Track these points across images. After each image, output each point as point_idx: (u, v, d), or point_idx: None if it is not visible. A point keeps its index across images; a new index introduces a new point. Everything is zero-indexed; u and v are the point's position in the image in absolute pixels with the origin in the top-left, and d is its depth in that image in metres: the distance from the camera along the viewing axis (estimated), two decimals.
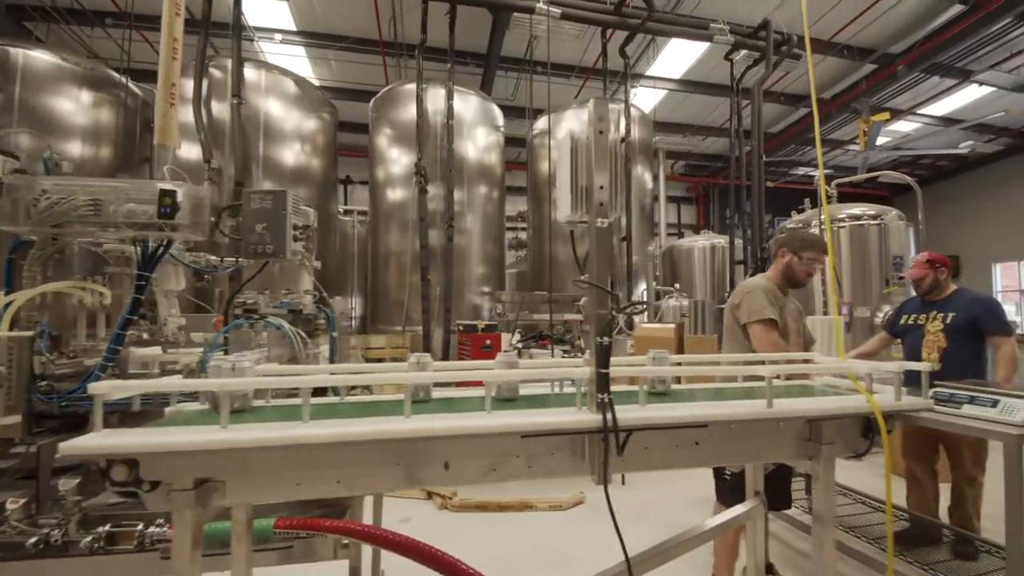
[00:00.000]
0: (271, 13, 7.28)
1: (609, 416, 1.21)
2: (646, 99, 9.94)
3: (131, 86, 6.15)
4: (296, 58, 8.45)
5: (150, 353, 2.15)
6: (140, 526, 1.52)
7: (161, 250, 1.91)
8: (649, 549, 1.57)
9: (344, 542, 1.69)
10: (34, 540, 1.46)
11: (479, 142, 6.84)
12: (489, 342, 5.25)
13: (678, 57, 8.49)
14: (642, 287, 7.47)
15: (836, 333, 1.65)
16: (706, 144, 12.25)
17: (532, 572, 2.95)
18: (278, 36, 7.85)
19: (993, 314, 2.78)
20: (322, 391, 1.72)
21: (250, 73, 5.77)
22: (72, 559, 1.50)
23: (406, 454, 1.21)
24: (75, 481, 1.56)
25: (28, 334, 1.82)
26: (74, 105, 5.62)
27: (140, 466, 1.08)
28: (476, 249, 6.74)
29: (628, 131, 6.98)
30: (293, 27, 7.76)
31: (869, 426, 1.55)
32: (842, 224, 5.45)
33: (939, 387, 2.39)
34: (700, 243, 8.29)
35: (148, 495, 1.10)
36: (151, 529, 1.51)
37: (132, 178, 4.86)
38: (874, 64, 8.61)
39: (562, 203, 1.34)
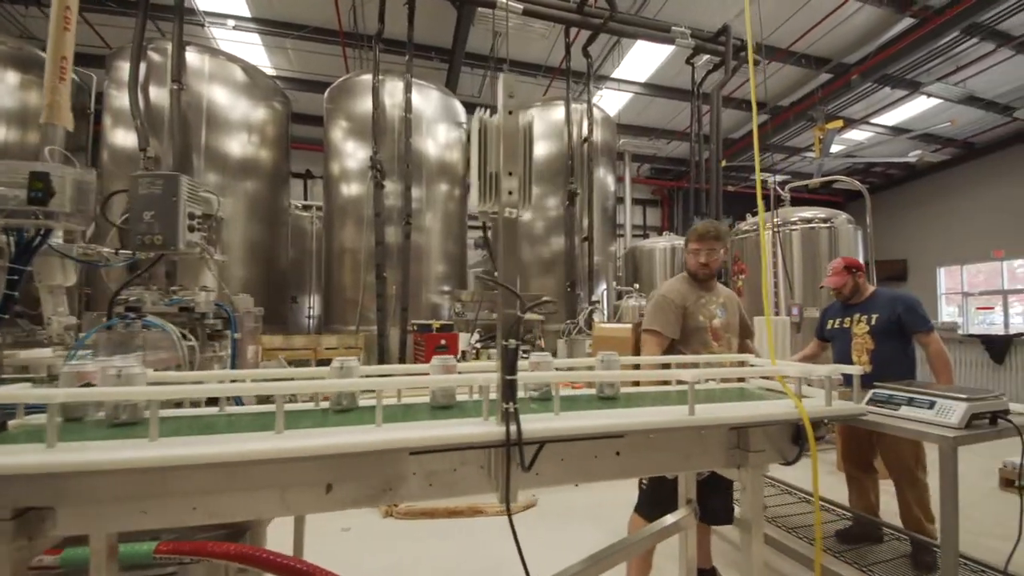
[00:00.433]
0: None
1: (513, 428, 1.09)
2: (612, 101, 9.96)
3: None
4: (252, 46, 8.07)
5: (35, 356, 1.92)
6: None
7: (39, 240, 1.68)
8: (562, 571, 1.45)
9: (239, 567, 1.52)
10: None
11: (440, 138, 6.67)
12: (444, 342, 5.10)
13: (643, 60, 8.52)
14: (603, 287, 7.44)
15: (768, 336, 1.58)
16: (671, 148, 12.40)
17: None
18: (231, 22, 7.47)
19: (914, 312, 2.78)
20: (212, 401, 1.54)
21: (193, 58, 5.44)
22: None
23: (279, 476, 1.05)
24: None
25: None
26: None
27: None
28: (436, 247, 6.57)
29: (591, 131, 6.94)
30: (247, 13, 7.40)
31: (799, 432, 1.48)
32: (794, 227, 5.54)
33: (878, 388, 2.39)
34: (661, 244, 8.35)
35: None
36: None
37: None
38: (830, 73, 8.87)
39: (472, 192, 1.22)
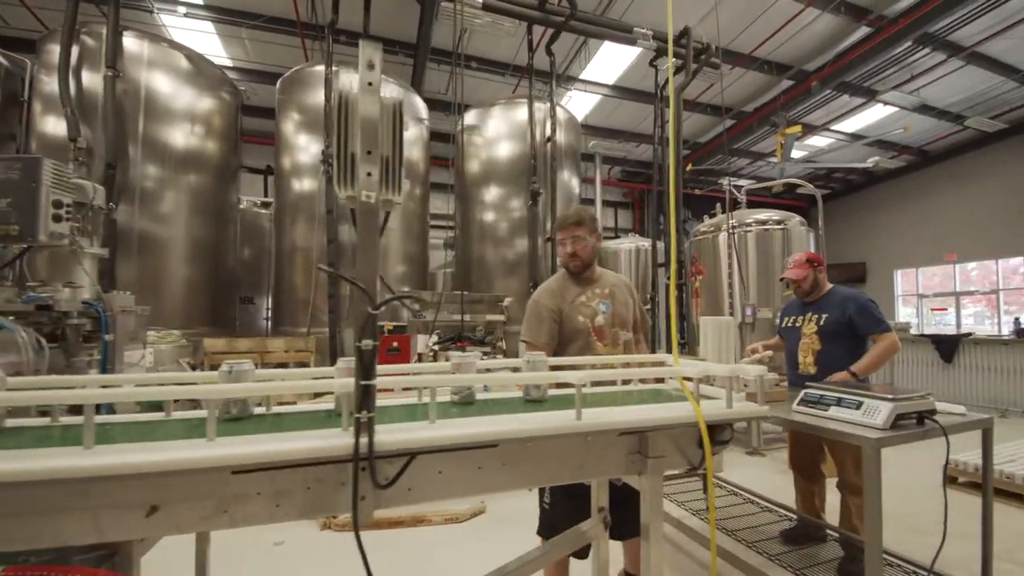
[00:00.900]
0: None
1: (364, 440, 0.97)
2: (581, 103, 9.96)
3: None
4: (206, 35, 7.76)
5: None
6: None
7: None
8: None
9: None
10: None
11: None
12: (396, 344, 4.94)
13: (611, 63, 8.54)
14: None
15: (673, 337, 1.50)
16: (640, 151, 12.48)
17: None
18: (181, 9, 7.16)
19: (867, 314, 2.68)
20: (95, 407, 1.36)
21: (132, 44, 5.15)
22: None
23: (86, 497, 0.91)
24: None
25: None
26: None
27: None
28: (395, 247, 6.40)
29: (554, 131, 6.87)
30: (199, 0, 7.10)
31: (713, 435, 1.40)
32: (749, 228, 5.59)
33: (809, 389, 2.36)
34: (626, 246, 8.36)
35: None
36: None
37: None
38: (791, 80, 9.05)
39: (334, 176, 1.10)
